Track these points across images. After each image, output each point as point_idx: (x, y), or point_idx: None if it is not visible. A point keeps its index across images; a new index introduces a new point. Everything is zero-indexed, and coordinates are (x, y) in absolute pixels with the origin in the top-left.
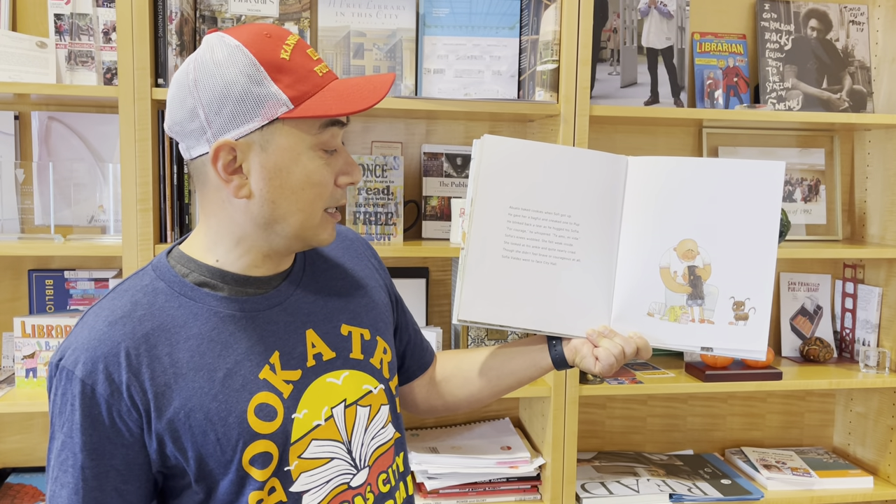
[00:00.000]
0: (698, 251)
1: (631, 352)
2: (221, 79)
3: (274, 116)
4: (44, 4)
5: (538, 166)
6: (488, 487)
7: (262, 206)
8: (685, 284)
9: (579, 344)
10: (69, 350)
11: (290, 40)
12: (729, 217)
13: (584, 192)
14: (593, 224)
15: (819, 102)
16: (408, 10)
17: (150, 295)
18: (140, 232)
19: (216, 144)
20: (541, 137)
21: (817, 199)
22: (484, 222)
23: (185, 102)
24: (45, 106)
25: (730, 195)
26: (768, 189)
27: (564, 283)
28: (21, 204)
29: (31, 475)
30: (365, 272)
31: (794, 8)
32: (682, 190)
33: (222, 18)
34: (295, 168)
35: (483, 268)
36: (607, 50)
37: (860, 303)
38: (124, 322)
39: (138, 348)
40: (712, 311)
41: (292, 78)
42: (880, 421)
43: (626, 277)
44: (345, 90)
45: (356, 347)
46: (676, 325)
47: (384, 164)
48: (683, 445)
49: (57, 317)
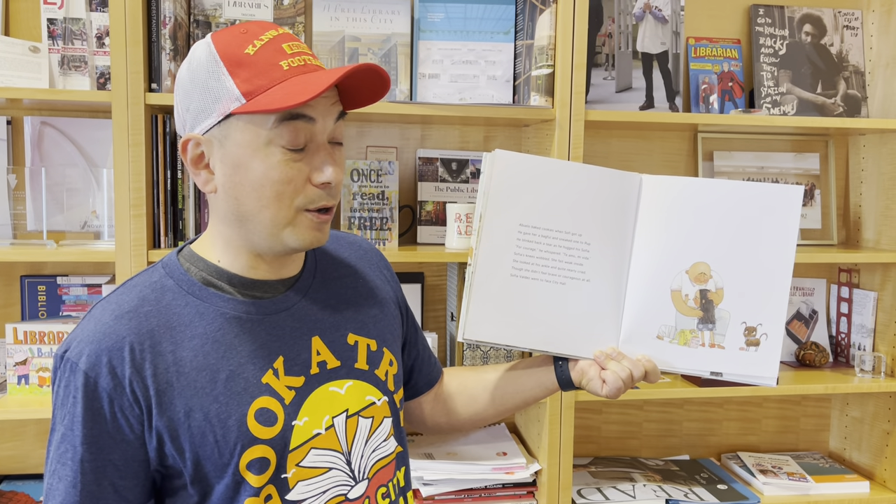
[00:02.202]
0: (711, 275)
1: (639, 375)
2: (190, 75)
3: (227, 112)
4: (37, 9)
5: (550, 183)
6: (484, 493)
7: (227, 201)
8: (696, 308)
9: (586, 366)
10: (74, 342)
11: (268, 35)
12: (744, 241)
13: (595, 210)
14: (604, 244)
15: (814, 107)
16: (403, 14)
17: (158, 291)
18: (133, 237)
19: (183, 139)
20: (536, 142)
21: (812, 204)
22: (493, 239)
23: (175, 99)
24: (37, 111)
25: (746, 218)
26: (785, 213)
27: (573, 304)
28: (13, 209)
29: (24, 482)
30: (377, 283)
31: (788, 13)
32: (697, 211)
33: (216, 23)
34: (252, 163)
35: (491, 286)
36: (602, 55)
37: (855, 307)
38: (130, 317)
39: (142, 344)
40: (723, 335)
41: (250, 72)
42: (876, 425)
43: (636, 299)
44: (302, 83)
45: (362, 357)
46: (686, 349)
47: (379, 168)
48: (680, 450)
49: (49, 323)
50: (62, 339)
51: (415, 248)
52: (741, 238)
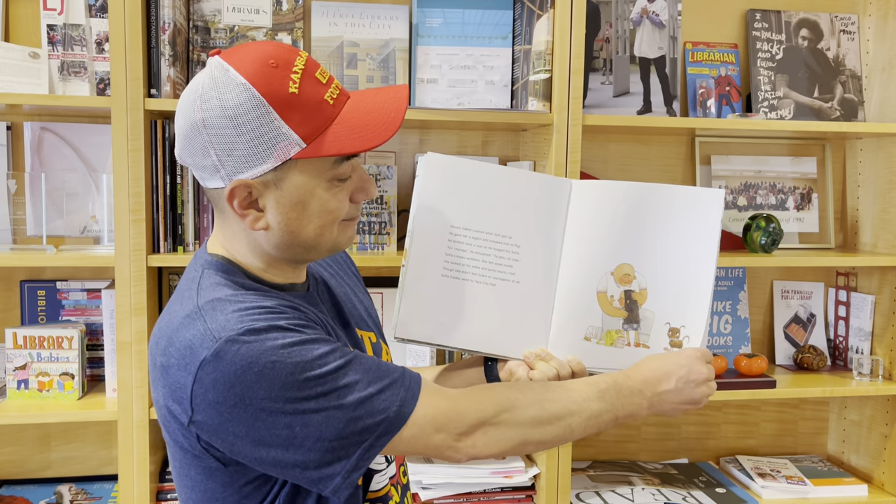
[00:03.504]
0: (635, 275)
1: (566, 375)
2: (231, 121)
3: (287, 157)
4: (37, 15)
5: (480, 186)
6: (483, 497)
7: (281, 235)
8: (621, 308)
9: (515, 366)
10: (225, 327)
11: (298, 65)
12: (668, 243)
13: (526, 214)
14: (534, 246)
15: (811, 111)
16: (401, 20)
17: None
18: (133, 242)
19: (231, 185)
20: (534, 147)
21: (810, 208)
22: (424, 241)
23: (194, 140)
24: (37, 116)
25: (671, 221)
26: (709, 216)
27: (503, 305)
28: (13, 214)
29: (23, 487)
30: (353, 279)
31: (785, 17)
32: (624, 215)
33: (215, 29)
34: (312, 201)
35: (421, 286)
36: (600, 59)
37: (853, 311)
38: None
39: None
40: (647, 335)
41: (302, 114)
42: (874, 429)
43: (564, 301)
44: (359, 120)
45: (368, 350)
46: (613, 350)
47: (378, 173)
48: (678, 454)
49: (49, 328)
50: (61, 344)
51: None
52: (665, 240)
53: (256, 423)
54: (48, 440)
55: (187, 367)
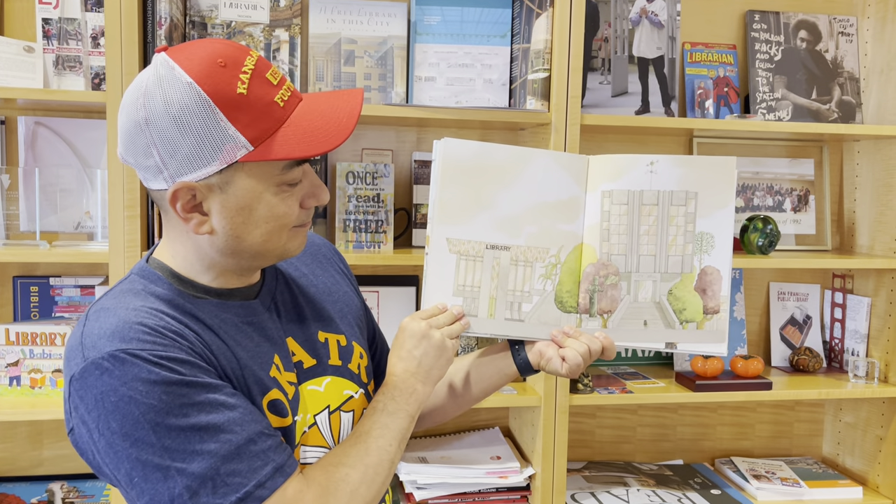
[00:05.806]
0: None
1: (596, 350)
2: (174, 121)
3: (233, 160)
4: (32, 8)
5: (500, 169)
6: (478, 498)
7: (225, 240)
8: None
9: (544, 346)
10: (101, 340)
11: (248, 65)
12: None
13: (546, 194)
14: (557, 226)
15: (808, 113)
16: (399, 17)
17: (157, 315)
18: (127, 238)
19: (174, 187)
20: (531, 145)
21: (807, 209)
22: (443, 228)
23: (137, 139)
24: (31, 111)
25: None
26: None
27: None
28: (6, 210)
29: (15, 484)
30: (336, 277)
31: (783, 19)
32: (651, 195)
33: (212, 24)
34: (259, 206)
35: (444, 272)
36: (598, 59)
37: (849, 313)
38: (146, 311)
39: (174, 320)
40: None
41: (251, 116)
42: (869, 431)
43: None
44: (310, 124)
45: (334, 354)
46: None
47: (374, 171)
48: (673, 455)
49: (42, 324)
50: (54, 340)
51: (410, 251)
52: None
53: (109, 451)
54: (40, 437)
55: (65, 376)
